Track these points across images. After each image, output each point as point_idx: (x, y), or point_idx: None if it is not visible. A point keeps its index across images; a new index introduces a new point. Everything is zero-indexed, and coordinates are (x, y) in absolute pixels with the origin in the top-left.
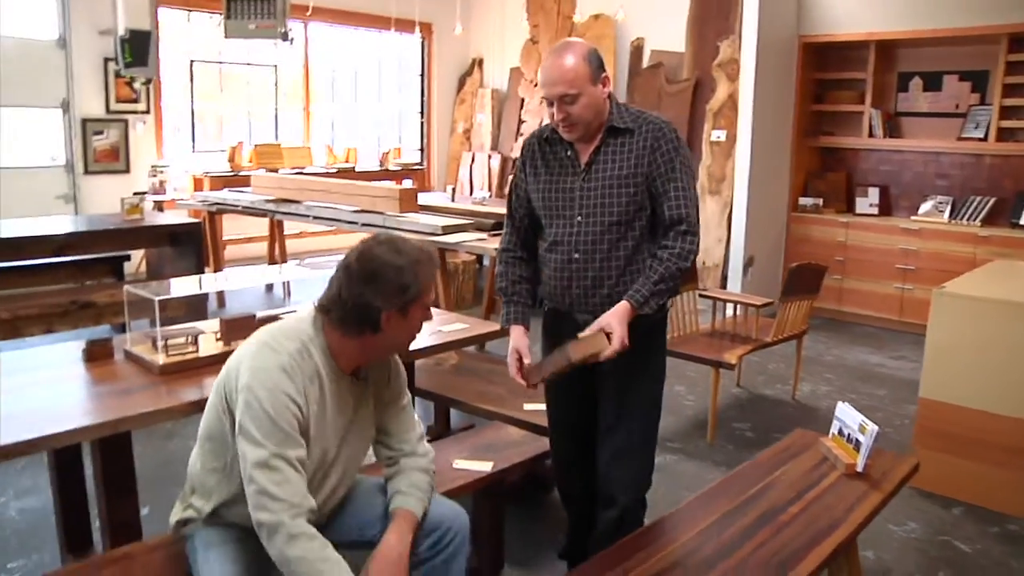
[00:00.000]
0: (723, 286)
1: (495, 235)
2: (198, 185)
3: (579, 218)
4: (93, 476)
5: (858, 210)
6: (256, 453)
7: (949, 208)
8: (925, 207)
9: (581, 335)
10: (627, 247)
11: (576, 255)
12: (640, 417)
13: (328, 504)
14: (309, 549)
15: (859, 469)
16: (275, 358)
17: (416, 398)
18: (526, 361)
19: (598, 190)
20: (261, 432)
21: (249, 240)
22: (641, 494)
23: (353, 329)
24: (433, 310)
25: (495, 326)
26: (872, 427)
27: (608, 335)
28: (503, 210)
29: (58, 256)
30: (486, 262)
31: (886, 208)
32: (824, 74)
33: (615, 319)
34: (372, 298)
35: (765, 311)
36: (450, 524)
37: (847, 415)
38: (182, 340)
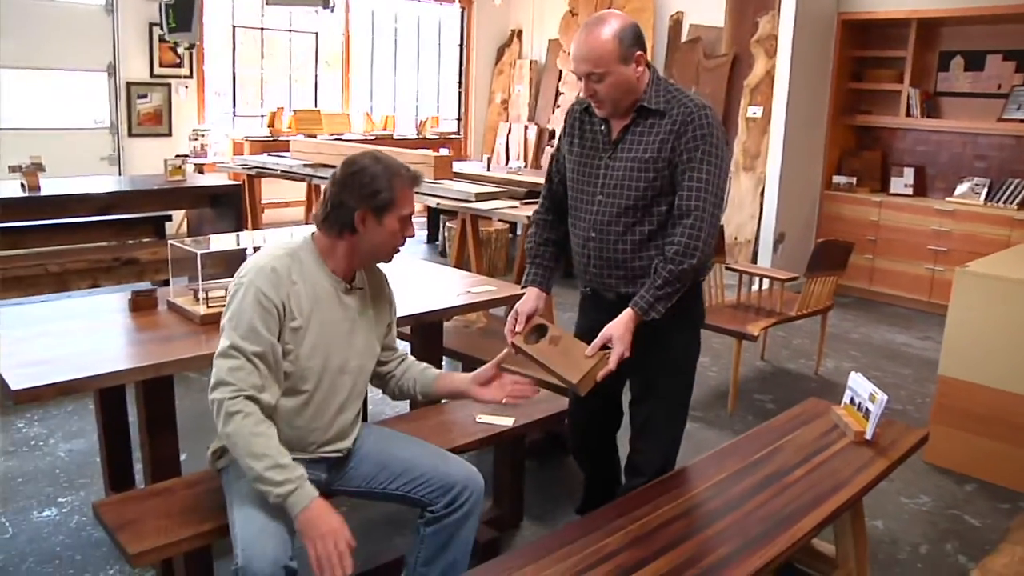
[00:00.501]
0: (754, 261)
1: (528, 204)
2: (238, 149)
3: (600, 197)
4: (137, 417)
5: (892, 190)
6: (222, 342)
7: (986, 190)
8: (961, 188)
9: (587, 353)
10: (642, 232)
11: (593, 234)
12: (667, 393)
13: (338, 422)
14: (243, 425)
15: (868, 437)
16: (260, 263)
17: (444, 358)
18: (518, 327)
19: (620, 171)
20: (231, 325)
21: (287, 204)
22: (666, 468)
23: (335, 229)
24: (462, 272)
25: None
26: (882, 396)
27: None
28: (537, 180)
29: (103, 215)
30: (519, 231)
31: (921, 188)
32: (863, 52)
33: (617, 332)
34: (347, 198)
35: (792, 286)
36: (466, 484)
37: (859, 385)
38: (222, 293)
